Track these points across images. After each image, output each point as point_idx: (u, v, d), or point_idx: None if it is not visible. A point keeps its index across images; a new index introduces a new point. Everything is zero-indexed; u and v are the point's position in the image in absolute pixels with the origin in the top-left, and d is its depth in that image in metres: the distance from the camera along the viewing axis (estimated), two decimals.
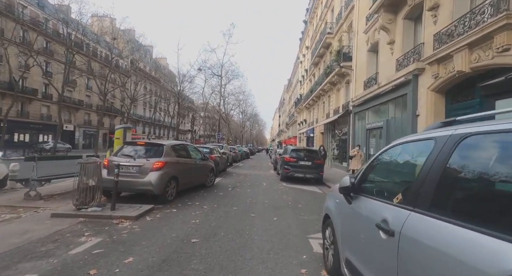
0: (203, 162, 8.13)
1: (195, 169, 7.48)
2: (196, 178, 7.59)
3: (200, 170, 7.86)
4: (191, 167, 7.24)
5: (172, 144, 6.81)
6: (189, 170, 7.08)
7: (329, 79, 18.42)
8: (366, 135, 12.35)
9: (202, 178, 8.03)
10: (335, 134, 18.21)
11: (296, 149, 10.73)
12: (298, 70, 41.77)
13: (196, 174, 7.56)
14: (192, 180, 7.31)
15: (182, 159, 6.91)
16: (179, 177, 6.49)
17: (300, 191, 8.34)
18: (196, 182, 7.61)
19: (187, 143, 7.97)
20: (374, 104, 11.57)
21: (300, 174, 10.04)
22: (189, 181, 7.11)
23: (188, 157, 7.33)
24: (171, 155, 6.52)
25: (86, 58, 27.29)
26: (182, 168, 6.74)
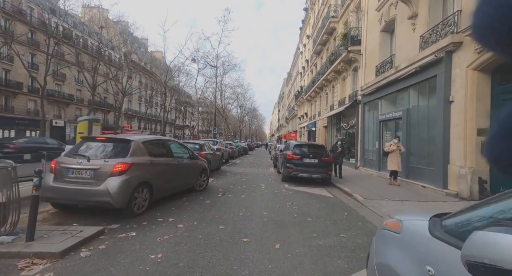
0: (192, 161, 6.61)
1: (180, 170, 5.96)
2: (181, 181, 6.08)
3: (187, 171, 6.36)
4: (174, 168, 5.72)
5: (144, 140, 5.26)
6: (169, 172, 5.56)
7: (333, 67, 16.76)
8: (379, 128, 10.81)
9: (189, 181, 6.53)
10: (341, 128, 16.66)
11: (300, 145, 9.19)
12: (298, 61, 39.94)
13: (181, 176, 6.04)
14: (175, 184, 5.79)
15: (159, 159, 5.37)
16: (153, 182, 4.98)
17: (307, 196, 6.84)
18: (181, 187, 6.10)
19: (169, 138, 6.43)
20: (390, 91, 9.99)
21: (305, 174, 8.53)
22: (170, 186, 5.59)
23: (169, 155, 5.79)
24: (142, 154, 4.99)
25: (73, 49, 25.43)
26: (159, 170, 5.22)
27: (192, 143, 9.65)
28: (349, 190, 7.47)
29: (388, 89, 10.07)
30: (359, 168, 12.84)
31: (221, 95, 39.86)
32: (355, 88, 14.90)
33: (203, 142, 10.25)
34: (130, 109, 52.94)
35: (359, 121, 13.23)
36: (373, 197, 6.61)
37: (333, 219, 4.75)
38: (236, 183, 8.55)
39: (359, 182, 8.94)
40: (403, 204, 5.98)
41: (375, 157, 11.20)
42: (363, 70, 12.90)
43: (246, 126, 77.56)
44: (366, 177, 10.30)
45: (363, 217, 5.00)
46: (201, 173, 7.10)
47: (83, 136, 5.90)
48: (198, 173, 6.93)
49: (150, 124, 59.74)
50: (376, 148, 10.89)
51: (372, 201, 6.26)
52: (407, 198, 6.53)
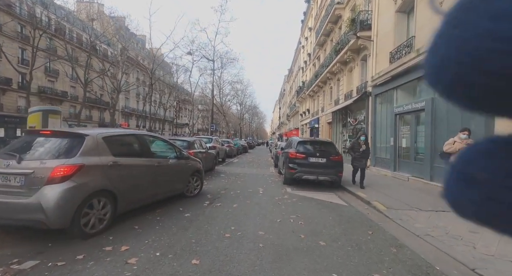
0: (180, 162, 5.33)
1: (162, 174, 4.67)
2: (164, 187, 4.79)
3: (173, 174, 5.09)
4: (152, 171, 4.43)
5: (106, 135, 3.94)
6: (145, 177, 4.27)
7: (339, 58, 15.37)
8: (395, 122, 9.45)
9: (176, 186, 5.27)
10: (347, 123, 15.31)
11: (305, 141, 7.86)
12: (300, 56, 38.48)
13: (164, 181, 4.75)
14: (154, 192, 4.49)
15: (129, 159, 4.07)
16: (118, 191, 3.72)
17: (315, 204, 5.53)
18: (163, 194, 4.82)
19: (148, 133, 5.10)
20: (408, 79, 8.63)
21: (311, 176, 7.21)
22: (145, 195, 4.30)
23: (146, 155, 4.47)
24: (100, 154, 3.69)
25: (63, 43, 24.10)
26: (128, 174, 3.95)
27: (179, 140, 8.34)
28: (365, 196, 6.15)
29: (406, 77, 8.71)
30: (370, 167, 11.50)
31: (219, 92, 38.49)
32: (364, 79, 13.54)
33: (193, 139, 8.94)
34: (127, 106, 51.75)
35: (369, 116, 11.87)
36: (397, 206, 5.29)
37: (354, 241, 3.44)
38: (229, 187, 7.24)
39: (373, 185, 7.62)
40: (439, 216, 4.66)
41: (389, 156, 9.86)
42: (373, 58, 11.52)
43: (247, 124, 76.23)
44: (380, 179, 8.97)
45: (394, 237, 3.68)
46: (193, 176, 5.82)
47: (26, 130, 4.59)
48: (188, 176, 5.64)
49: (149, 122, 58.62)
50: (391, 145, 9.55)
51: (397, 211, 4.94)
52: (441, 207, 5.20)
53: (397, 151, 9.26)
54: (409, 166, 8.43)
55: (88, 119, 40.47)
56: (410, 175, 8.28)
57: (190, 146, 8.17)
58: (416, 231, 3.91)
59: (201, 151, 8.95)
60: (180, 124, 64.88)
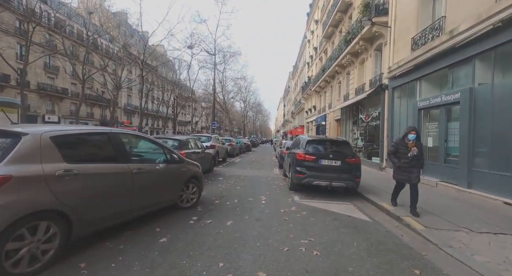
0: (171, 166, 4.26)
1: (143, 183, 3.58)
2: (145, 200, 3.69)
3: (160, 183, 4.02)
4: (126, 181, 3.32)
5: (55, 134, 2.81)
6: (113, 188, 3.17)
7: (350, 48, 14.08)
8: (418, 118, 8.21)
9: (165, 197, 4.19)
10: (359, 120, 14.05)
11: (315, 141, 6.69)
12: (305, 51, 37.06)
13: (146, 193, 3.68)
14: (128, 207, 3.38)
15: (90, 166, 2.95)
16: (71, 210, 2.67)
17: (330, 221, 4.38)
18: (144, 208, 3.71)
19: (126, 131, 3.96)
20: (436, 68, 7.38)
21: (323, 182, 6.06)
22: (115, 212, 3.21)
23: (119, 160, 3.35)
24: (44, 160, 2.61)
25: (61, 37, 23.21)
26: (87, 186, 2.86)
27: (170, 139, 7.25)
28: (392, 208, 4.98)
29: (433, 65, 7.46)
30: (386, 169, 10.28)
31: (222, 88, 37.40)
32: (378, 71, 12.26)
33: (186, 137, 7.84)
34: (130, 104, 51.17)
35: (385, 111, 10.62)
36: (437, 224, 4.11)
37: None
38: (226, 194, 6.14)
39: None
40: (503, 242, 3.48)
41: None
42: (391, 47, 10.24)
43: (250, 121, 75.15)
44: None
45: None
46: (187, 183, 4.73)
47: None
48: (182, 184, 4.56)
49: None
50: None
51: (440, 232, 3.77)
52: (498, 226, 4.02)
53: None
54: (438, 169, 7.20)
55: (89, 116, 39.88)
56: (439, 179, 7.07)
57: (182, 146, 7.08)
58: (485, 271, 2.74)
59: (196, 152, 7.87)
60: (184, 122, 64.15)
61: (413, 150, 4.52)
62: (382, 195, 6.15)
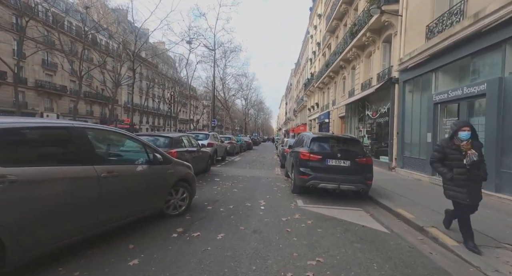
0: (154, 168, 3.59)
1: (114, 189, 2.92)
2: (118, 210, 3.03)
3: (138, 188, 3.34)
4: (90, 187, 2.64)
5: None
6: (71, 197, 2.48)
7: (356, 41, 13.30)
8: (433, 113, 7.47)
9: (146, 205, 3.51)
10: (365, 117, 13.30)
11: (321, 138, 5.98)
12: (308, 47, 36.20)
13: (118, 201, 3.02)
14: (93, 220, 2.69)
15: (38, 170, 2.26)
16: (5, 232, 1.98)
17: (342, 233, 3.69)
18: (116, 220, 3.03)
19: (95, 126, 3.23)
20: (456, 57, 6.63)
21: (330, 185, 5.37)
22: (74, 228, 2.51)
23: (82, 161, 2.67)
24: None
25: (58, 33, 22.58)
26: (32, 197, 2.19)
27: (159, 136, 6.57)
28: (411, 216, 4.28)
29: (452, 54, 6.70)
30: (396, 169, 9.56)
31: (223, 86, 36.69)
32: (387, 64, 11.50)
33: (178, 135, 7.15)
34: (130, 101, 50.63)
35: (395, 106, 9.86)
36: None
37: None
38: (221, 198, 5.47)
39: (410, 195, 5.73)
40: None
41: (424, 156, 7.90)
42: (401, 37, 9.47)
43: (252, 119, 74.47)
44: (415, 186, 7.05)
45: None
46: (178, 187, 4.09)
47: None
48: (169, 188, 3.91)
49: (154, 118, 57.53)
50: (428, 143, 7.58)
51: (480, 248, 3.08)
52: None
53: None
54: None
55: (89, 114, 39.39)
56: None
57: (173, 144, 6.41)
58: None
59: (190, 151, 7.20)
60: (185, 120, 63.56)
61: (471, 154, 3.05)
62: (397, 199, 5.46)
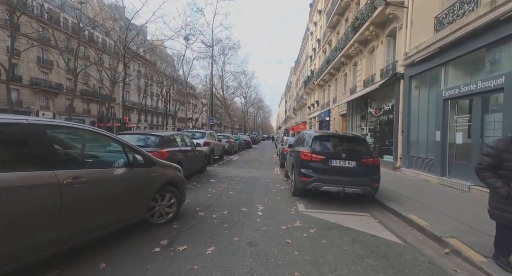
0: (134, 172, 3.12)
1: (81, 197, 2.43)
2: (90, 221, 2.57)
3: (116, 195, 2.89)
4: (48, 196, 2.15)
5: None
6: (29, 209, 2.02)
7: (359, 36, 12.81)
8: (443, 110, 7.01)
9: (123, 214, 3.01)
10: (368, 115, 12.84)
11: (324, 137, 5.53)
12: (308, 44, 35.66)
13: (89, 211, 2.54)
14: (57, 235, 2.23)
15: None
16: None
17: (349, 245, 3.24)
18: (93, 232, 2.60)
19: (56, 122, 2.60)
20: (469, 49, 6.16)
21: (334, 188, 4.93)
22: (26, 245, 2.01)
23: (40, 165, 2.17)
24: None
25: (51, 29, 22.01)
26: None
27: (149, 134, 6.09)
28: (426, 224, 3.83)
29: (465, 46, 6.24)
30: (401, 169, 9.12)
31: (221, 83, 36.18)
32: (391, 59, 11.02)
33: (170, 133, 6.66)
34: (128, 100, 50.06)
35: (400, 103, 9.40)
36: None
37: None
38: (215, 202, 5.02)
39: (420, 198, 5.29)
40: None
41: (433, 155, 7.46)
42: (407, 30, 9.00)
43: (251, 118, 73.99)
44: (422, 186, 6.60)
45: None
46: (164, 192, 3.64)
47: None
48: (153, 193, 3.43)
49: (152, 117, 56.99)
50: (437, 141, 7.13)
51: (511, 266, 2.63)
52: None
53: (447, 149, 6.85)
54: (470, 171, 6.01)
55: (86, 113, 38.85)
56: (472, 183, 5.90)
57: (164, 143, 5.94)
58: None
59: (183, 150, 6.73)
60: (184, 119, 63.02)
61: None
62: (406, 203, 5.01)
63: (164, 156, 5.64)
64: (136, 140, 5.97)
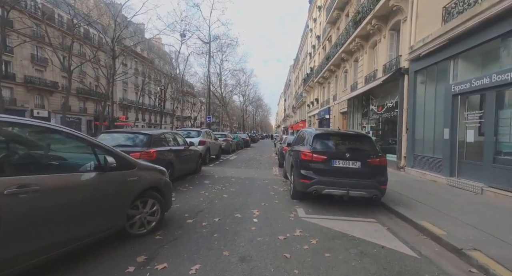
0: (108, 176, 2.66)
1: (39, 209, 2.01)
2: (45, 239, 2.09)
3: (82, 205, 2.40)
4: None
5: None
6: None
7: (360, 30, 12.34)
8: (452, 106, 6.57)
9: (92, 227, 2.53)
10: (370, 112, 12.40)
11: (325, 135, 5.08)
12: (307, 41, 35.14)
13: (43, 226, 2.07)
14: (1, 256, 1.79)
15: None
16: None
17: (357, 259, 2.81)
18: (49, 251, 2.13)
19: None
20: (482, 40, 5.71)
21: (337, 191, 4.50)
22: None
23: None
24: None
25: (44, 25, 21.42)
26: None
27: (135, 133, 5.61)
28: (441, 232, 3.40)
29: (477, 38, 5.79)
30: (405, 169, 8.70)
31: (219, 81, 35.66)
32: (394, 54, 10.57)
33: (160, 131, 6.17)
34: (125, 98, 49.50)
35: (404, 100, 8.96)
36: None
37: None
38: (206, 206, 4.57)
39: (430, 202, 4.86)
40: None
41: (440, 154, 7.03)
42: (412, 22, 8.54)
43: (250, 116, 73.49)
44: (430, 188, 6.17)
45: None
46: (147, 198, 3.22)
47: None
48: (130, 200, 2.96)
49: (150, 115, 56.43)
50: (446, 140, 6.70)
51: None
52: None
53: (456, 147, 6.42)
54: (483, 172, 5.60)
55: (82, 111, 38.24)
56: (485, 184, 5.48)
57: (152, 142, 5.47)
58: None
59: (174, 150, 6.27)
60: (183, 117, 62.44)
61: None
62: (416, 207, 4.58)
63: (152, 157, 5.20)
64: (122, 139, 5.53)
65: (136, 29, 48.36)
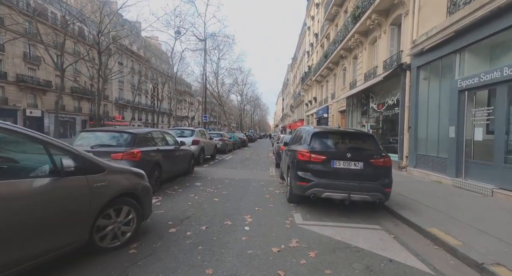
0: (67, 180, 2.23)
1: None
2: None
3: (31, 219, 1.95)
4: None
5: None
6: None
7: (359, 26, 11.95)
8: (458, 103, 6.19)
9: (53, 242, 2.12)
10: (369, 110, 12.03)
11: (325, 133, 4.67)
12: (305, 39, 34.74)
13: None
14: None
15: None
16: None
17: (363, 275, 2.41)
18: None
19: None
20: (491, 32, 5.33)
21: (337, 195, 4.10)
22: None
23: None
24: None
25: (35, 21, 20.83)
26: None
27: (117, 131, 5.17)
28: (457, 243, 3.01)
29: (486, 29, 5.41)
30: (407, 169, 8.33)
31: (216, 80, 35.18)
32: (395, 50, 10.20)
33: (145, 130, 5.71)
34: (121, 98, 48.88)
35: (406, 97, 8.59)
36: None
37: None
38: (193, 213, 4.15)
39: (439, 206, 4.47)
40: None
41: (444, 153, 6.66)
42: (415, 16, 8.16)
43: (248, 116, 73.05)
44: (436, 190, 5.79)
45: None
46: (120, 205, 2.80)
47: None
48: (98, 210, 2.52)
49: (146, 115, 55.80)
50: (451, 138, 6.32)
51: None
52: None
53: (462, 146, 6.04)
54: (493, 172, 5.23)
55: (77, 111, 37.58)
56: (496, 186, 5.11)
57: (137, 142, 5.02)
58: None
59: (162, 150, 5.83)
60: (180, 117, 61.91)
61: None
62: (424, 212, 4.19)
63: (136, 157, 4.77)
64: (104, 138, 5.08)
65: (132, 28, 47.69)
